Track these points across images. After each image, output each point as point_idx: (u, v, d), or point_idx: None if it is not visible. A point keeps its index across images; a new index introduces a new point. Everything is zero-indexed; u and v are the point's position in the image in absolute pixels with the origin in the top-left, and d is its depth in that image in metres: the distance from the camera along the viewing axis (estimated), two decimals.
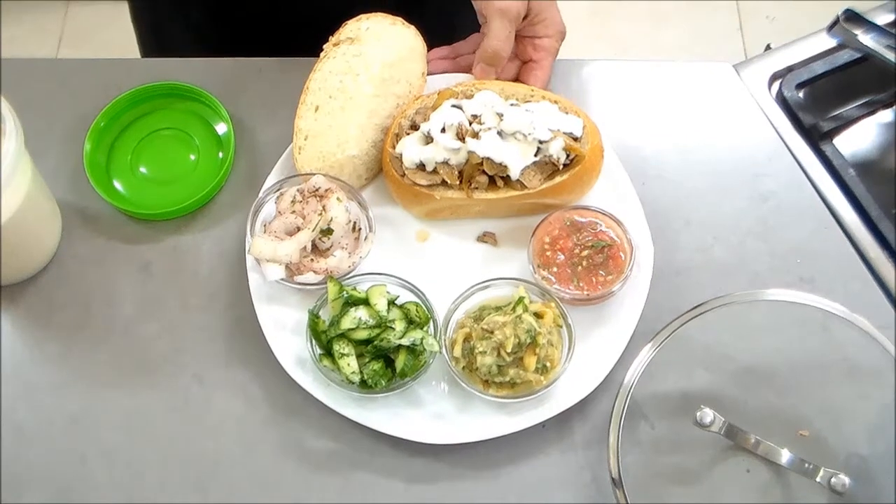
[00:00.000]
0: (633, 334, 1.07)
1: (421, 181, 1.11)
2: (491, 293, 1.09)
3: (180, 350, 1.13)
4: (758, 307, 1.04)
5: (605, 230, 1.09)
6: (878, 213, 1.17)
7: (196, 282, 1.17)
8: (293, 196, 1.12)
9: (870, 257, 1.15)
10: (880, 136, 1.28)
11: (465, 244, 1.16)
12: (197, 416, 1.09)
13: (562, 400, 1.04)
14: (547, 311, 1.05)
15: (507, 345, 1.00)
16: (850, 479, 0.97)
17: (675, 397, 1.06)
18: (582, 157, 1.09)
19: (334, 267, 1.09)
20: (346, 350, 1.04)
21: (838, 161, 1.20)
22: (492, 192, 1.11)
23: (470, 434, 1.03)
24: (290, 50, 1.27)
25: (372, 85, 1.16)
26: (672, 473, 1.03)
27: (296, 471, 1.06)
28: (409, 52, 1.18)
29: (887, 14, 1.28)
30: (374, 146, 1.18)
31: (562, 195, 1.11)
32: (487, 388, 1.04)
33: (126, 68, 1.32)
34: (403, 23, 1.18)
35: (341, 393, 1.05)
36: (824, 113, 1.25)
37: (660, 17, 2.82)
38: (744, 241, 1.16)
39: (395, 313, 1.06)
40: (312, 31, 1.16)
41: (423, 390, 1.07)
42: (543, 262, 1.08)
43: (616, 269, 1.07)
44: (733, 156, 1.22)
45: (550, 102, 1.13)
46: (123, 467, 1.07)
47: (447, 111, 1.12)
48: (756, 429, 1.02)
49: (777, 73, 1.28)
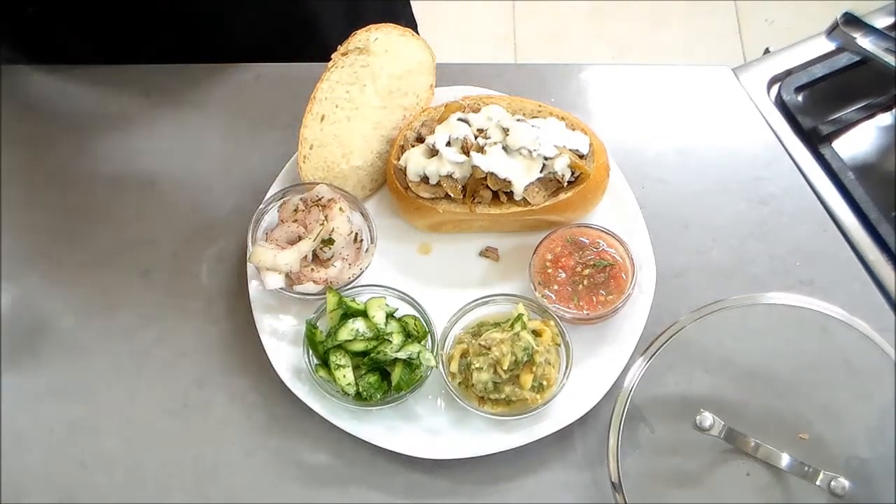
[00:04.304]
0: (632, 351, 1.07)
1: (424, 194, 1.11)
2: (490, 309, 1.09)
3: (179, 356, 1.13)
4: (757, 310, 1.04)
5: (608, 249, 1.08)
6: (877, 215, 1.17)
7: (196, 289, 1.17)
8: (296, 205, 1.12)
9: (869, 260, 1.15)
10: (879, 140, 1.28)
11: (466, 259, 1.16)
12: (195, 423, 1.09)
13: (559, 418, 1.04)
14: (546, 329, 1.05)
15: (503, 362, 1.00)
16: (850, 482, 0.97)
17: (675, 401, 1.06)
18: (587, 175, 1.09)
19: (334, 277, 1.09)
20: (342, 361, 1.04)
21: (837, 164, 1.21)
22: (495, 207, 1.11)
23: (465, 450, 1.04)
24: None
25: (378, 96, 1.16)
26: (672, 477, 1.03)
27: (293, 479, 1.06)
28: (417, 64, 1.18)
29: (886, 17, 1.28)
30: (380, 157, 1.18)
31: (566, 213, 1.11)
32: (483, 405, 1.04)
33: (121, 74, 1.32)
34: (413, 34, 1.18)
35: (337, 405, 1.05)
36: (823, 116, 1.25)
37: (659, 18, 2.83)
38: (743, 244, 1.16)
39: (392, 326, 1.06)
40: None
41: (418, 404, 1.07)
42: (544, 279, 1.08)
43: (617, 289, 1.06)
44: (732, 159, 1.22)
45: (558, 119, 1.12)
46: (123, 473, 1.07)
47: (453, 124, 1.12)
48: (756, 432, 1.02)
49: (776, 77, 1.28)
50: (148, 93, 1.30)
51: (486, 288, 1.12)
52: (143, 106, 1.29)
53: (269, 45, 1.33)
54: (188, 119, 1.28)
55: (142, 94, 1.30)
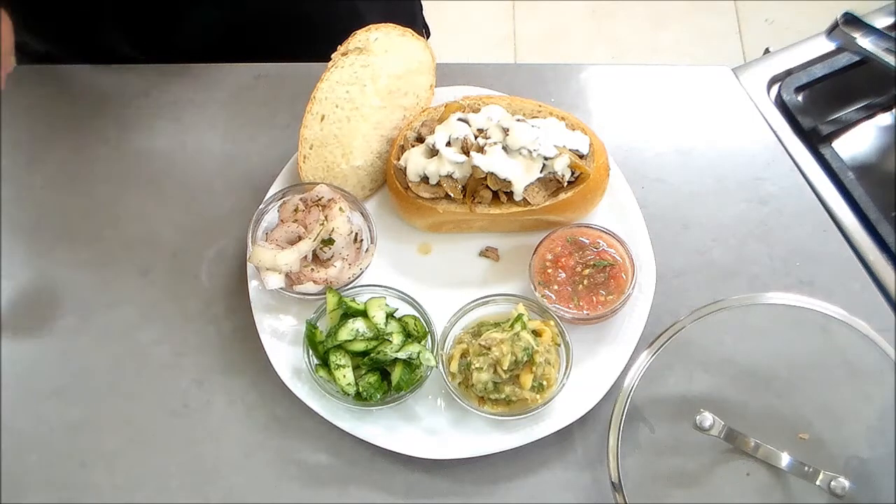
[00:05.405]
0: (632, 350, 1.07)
1: (424, 194, 1.11)
2: (490, 309, 1.09)
3: (179, 356, 1.13)
4: (757, 310, 1.04)
5: (608, 249, 1.08)
6: (877, 215, 1.17)
7: (196, 289, 1.17)
8: (296, 205, 1.12)
9: (869, 260, 1.15)
10: (879, 140, 1.28)
11: (466, 259, 1.16)
12: (196, 422, 1.09)
13: (558, 418, 1.04)
14: (546, 329, 1.05)
15: (503, 362, 1.00)
16: (850, 482, 0.97)
17: (675, 401, 1.06)
18: (587, 175, 1.09)
19: (334, 277, 1.09)
20: (342, 361, 1.04)
21: (837, 164, 1.21)
22: (495, 207, 1.11)
23: (465, 450, 1.04)
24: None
25: (378, 96, 1.16)
26: (672, 477, 1.04)
27: (293, 479, 1.06)
28: (417, 64, 1.18)
29: (886, 17, 1.28)
30: (380, 157, 1.18)
31: (566, 213, 1.11)
32: (483, 405, 1.04)
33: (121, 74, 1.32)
34: (413, 34, 1.18)
35: (337, 405, 1.05)
36: (823, 116, 1.26)
37: (659, 18, 2.83)
38: (743, 244, 1.16)
39: (392, 326, 1.06)
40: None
41: (418, 404, 1.07)
42: (544, 279, 1.08)
43: (617, 289, 1.06)
44: (732, 159, 1.22)
45: (558, 119, 1.12)
46: (123, 472, 1.07)
47: (453, 124, 1.11)
48: (756, 432, 1.02)
49: (776, 77, 1.28)
50: (148, 93, 1.30)
51: (486, 288, 1.12)
52: (143, 106, 1.29)
53: (270, 45, 1.33)
54: (188, 119, 1.28)
55: (142, 94, 1.30)
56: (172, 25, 1.30)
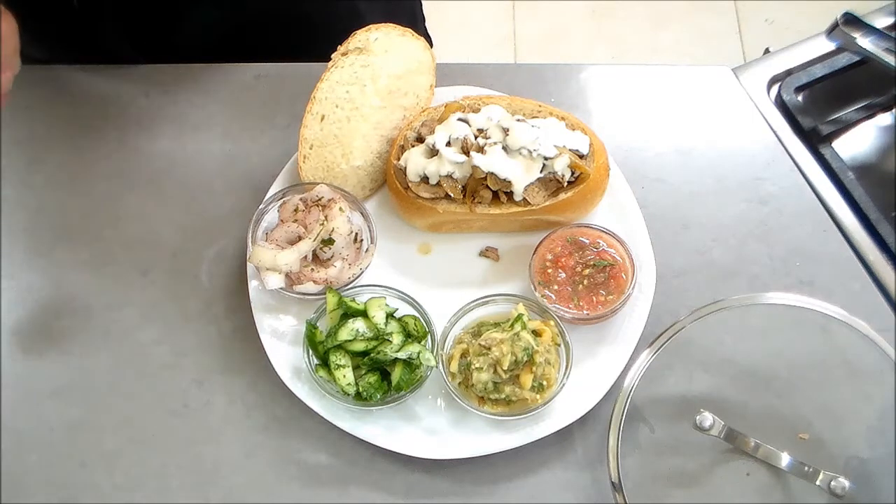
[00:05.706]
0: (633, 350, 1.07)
1: (424, 194, 1.11)
2: (490, 309, 1.09)
3: (179, 356, 1.13)
4: (757, 310, 1.04)
5: (608, 249, 1.08)
6: (877, 215, 1.17)
7: (196, 289, 1.17)
8: (296, 205, 1.12)
9: (869, 260, 1.15)
10: (879, 140, 1.28)
11: (466, 259, 1.16)
12: (196, 422, 1.09)
13: (559, 418, 1.04)
14: (546, 329, 1.04)
15: (503, 362, 1.00)
16: (850, 482, 0.97)
17: (675, 401, 1.06)
18: (587, 175, 1.09)
19: (334, 277, 1.09)
20: (342, 361, 1.04)
21: (837, 164, 1.21)
22: (495, 207, 1.11)
23: (465, 450, 1.03)
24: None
25: (378, 96, 1.16)
26: (672, 477, 1.04)
27: (293, 479, 1.06)
28: (417, 64, 1.18)
29: (886, 17, 1.28)
30: (380, 157, 1.18)
31: (566, 213, 1.11)
32: (483, 405, 1.04)
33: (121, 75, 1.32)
34: (413, 34, 1.18)
35: (337, 405, 1.05)
36: (823, 116, 1.26)
37: (659, 18, 2.83)
38: (743, 244, 1.16)
39: (392, 326, 1.06)
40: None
41: (418, 404, 1.07)
42: (544, 279, 1.08)
43: (617, 289, 1.06)
44: (732, 159, 1.22)
45: (558, 119, 1.12)
46: (123, 472, 1.07)
47: (453, 124, 1.11)
48: (756, 432, 1.02)
49: (776, 77, 1.28)
50: (148, 93, 1.30)
51: (486, 288, 1.12)
52: (142, 106, 1.29)
53: (270, 45, 1.33)
54: (188, 119, 1.28)
55: (142, 94, 1.30)
56: (172, 26, 1.30)
